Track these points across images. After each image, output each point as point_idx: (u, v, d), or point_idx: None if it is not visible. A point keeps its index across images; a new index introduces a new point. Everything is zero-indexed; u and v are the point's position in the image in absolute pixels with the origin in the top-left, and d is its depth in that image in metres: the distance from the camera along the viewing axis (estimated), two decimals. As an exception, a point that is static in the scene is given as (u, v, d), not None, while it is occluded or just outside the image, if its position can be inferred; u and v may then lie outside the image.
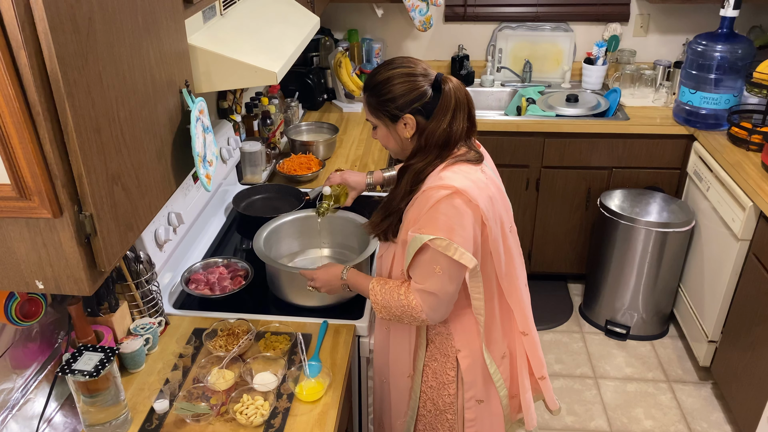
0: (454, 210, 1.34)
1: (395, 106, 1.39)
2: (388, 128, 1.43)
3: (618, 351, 3.05)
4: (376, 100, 1.41)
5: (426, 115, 1.39)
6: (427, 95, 1.38)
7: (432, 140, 1.39)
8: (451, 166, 1.39)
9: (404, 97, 1.38)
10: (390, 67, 1.41)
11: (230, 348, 1.61)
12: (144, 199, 1.23)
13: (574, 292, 3.45)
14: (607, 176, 3.10)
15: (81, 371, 1.30)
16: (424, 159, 1.41)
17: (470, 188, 1.35)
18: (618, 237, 2.93)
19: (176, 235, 1.91)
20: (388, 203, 1.48)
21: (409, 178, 1.42)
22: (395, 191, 1.47)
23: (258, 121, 2.64)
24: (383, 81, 1.40)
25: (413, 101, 1.38)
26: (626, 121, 2.99)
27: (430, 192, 1.36)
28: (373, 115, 1.44)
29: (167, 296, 1.85)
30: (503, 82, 3.49)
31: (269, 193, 2.40)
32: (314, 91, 3.18)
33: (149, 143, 1.24)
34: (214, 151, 1.62)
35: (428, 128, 1.39)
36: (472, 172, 1.40)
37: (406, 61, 1.42)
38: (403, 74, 1.39)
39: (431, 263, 1.37)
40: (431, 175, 1.40)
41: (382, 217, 1.49)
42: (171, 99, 1.33)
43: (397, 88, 1.38)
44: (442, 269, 1.37)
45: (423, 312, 1.42)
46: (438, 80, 1.39)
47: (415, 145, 1.43)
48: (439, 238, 1.34)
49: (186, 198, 1.96)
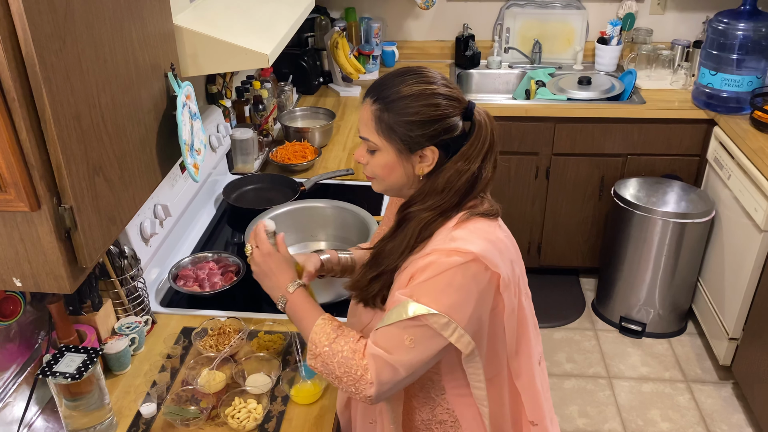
0: (466, 282, 1.13)
1: (421, 132, 1.16)
2: (400, 157, 1.19)
3: (633, 349, 3.05)
4: (393, 118, 1.16)
5: (451, 151, 1.19)
6: (458, 127, 1.18)
7: (455, 185, 1.18)
8: (465, 222, 1.19)
9: (435, 123, 1.16)
10: (418, 79, 1.18)
11: (221, 348, 1.61)
12: (128, 191, 1.22)
13: (587, 287, 3.45)
14: (621, 164, 3.10)
15: (63, 373, 1.31)
16: (438, 207, 1.19)
17: (490, 253, 1.15)
18: (633, 228, 2.93)
19: (163, 228, 1.91)
20: (381, 259, 1.24)
21: (416, 230, 1.19)
22: (391, 244, 1.23)
23: (249, 107, 2.63)
24: (411, 96, 1.16)
25: (444, 132, 1.17)
26: (642, 105, 2.98)
27: (439, 256, 1.14)
28: (381, 135, 1.18)
29: (154, 293, 1.86)
30: (511, 63, 3.48)
31: (262, 183, 2.40)
32: (309, 74, 3.17)
33: (133, 131, 1.23)
34: (203, 138, 1.62)
35: (451, 168, 1.18)
36: (490, 230, 1.20)
37: (435, 78, 1.19)
38: (438, 94, 1.17)
39: (403, 332, 1.15)
40: (441, 230, 1.19)
41: (373, 277, 1.24)
42: (156, 84, 1.33)
43: (428, 110, 1.16)
44: (416, 343, 1.14)
45: (373, 387, 1.16)
46: (470, 110, 1.19)
47: (426, 186, 1.21)
48: (440, 315, 1.12)
49: (173, 189, 1.96)
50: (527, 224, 3.29)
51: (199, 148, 1.59)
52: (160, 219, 1.86)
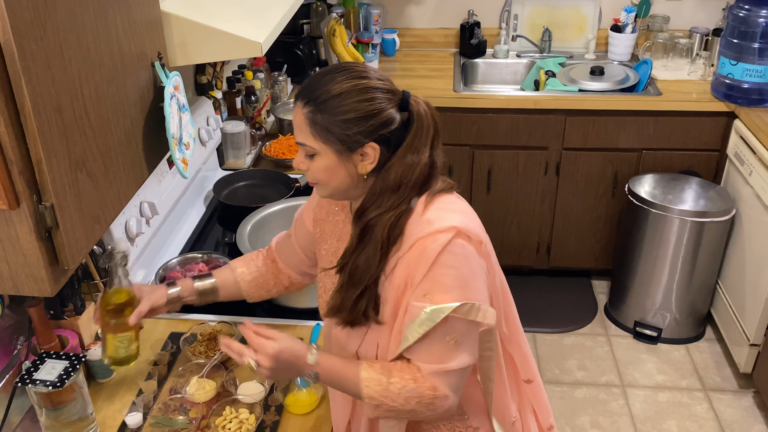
0: (460, 258, 1.19)
1: (358, 130, 1.17)
2: (340, 159, 1.20)
3: (648, 356, 3.06)
4: (326, 119, 1.18)
5: (393, 145, 1.21)
6: (396, 119, 1.20)
7: (410, 179, 1.20)
8: (431, 203, 1.23)
9: (370, 119, 1.17)
10: (348, 75, 1.19)
11: (211, 354, 1.61)
12: (112, 188, 1.22)
13: (599, 290, 3.45)
14: (636, 159, 3.10)
15: (43, 381, 1.31)
16: (398, 206, 1.21)
17: (466, 223, 1.21)
18: (648, 228, 2.94)
19: (149, 227, 1.91)
20: (359, 275, 1.24)
21: (384, 234, 1.21)
22: (363, 256, 1.23)
23: (241, 98, 2.63)
24: (342, 94, 1.17)
25: (381, 126, 1.18)
26: (658, 97, 2.98)
27: (424, 243, 1.18)
28: (317, 137, 1.20)
29: (140, 296, 1.86)
30: (519, 52, 3.48)
31: (254, 179, 2.40)
32: (305, 64, 3.17)
33: (118, 124, 1.23)
34: (192, 132, 1.62)
35: (400, 163, 1.20)
36: (454, 201, 1.26)
37: (365, 71, 1.21)
38: (368, 88, 1.18)
39: (444, 335, 1.20)
40: (411, 221, 1.22)
41: (358, 296, 1.24)
42: (142, 74, 1.33)
43: (362, 106, 1.17)
44: (459, 338, 1.21)
45: (449, 398, 1.23)
46: (406, 100, 1.21)
47: (376, 186, 1.22)
48: (461, 305, 1.18)
49: (160, 186, 1.96)
50: (536, 223, 3.29)
51: (188, 142, 1.59)
52: (146, 217, 1.86)
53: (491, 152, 3.10)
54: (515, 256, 3.35)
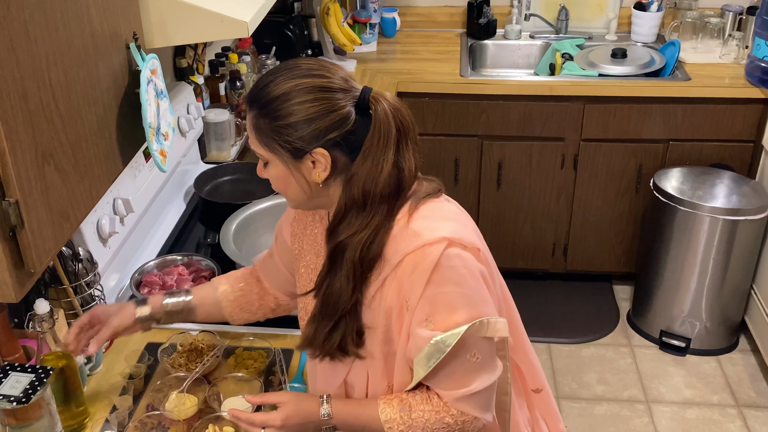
0: (457, 271, 1.18)
1: (299, 135, 1.17)
2: (287, 167, 1.21)
3: (675, 369, 3.06)
4: (267, 125, 1.18)
5: (349, 149, 1.19)
6: (350, 120, 1.18)
7: (374, 190, 1.18)
8: (416, 212, 1.21)
9: (314, 122, 1.16)
10: (291, 74, 1.19)
11: (192, 367, 1.61)
12: (83, 182, 1.22)
13: (621, 296, 3.46)
14: (662, 151, 3.10)
15: (7, 396, 1.31)
16: (368, 224, 1.19)
17: (457, 230, 1.21)
18: (676, 227, 2.94)
19: (124, 226, 1.91)
20: (331, 305, 1.23)
21: (356, 259, 1.19)
22: (337, 283, 1.22)
23: (225, 84, 2.63)
24: (280, 96, 1.17)
25: (328, 129, 1.17)
26: (687, 82, 2.98)
27: (414, 260, 1.17)
28: (262, 144, 1.21)
29: (114, 303, 1.86)
30: (533, 33, 3.48)
31: (240, 173, 2.40)
32: (295, 46, 3.17)
33: (89, 112, 1.23)
34: (170, 121, 1.62)
35: (361, 173, 1.18)
36: (442, 207, 1.25)
37: (316, 67, 1.20)
38: (311, 87, 1.17)
39: (465, 354, 1.20)
40: (392, 235, 1.20)
41: (330, 326, 1.24)
42: (116, 56, 1.33)
43: (302, 108, 1.16)
44: (482, 353, 1.22)
45: (479, 420, 1.26)
46: (365, 98, 1.19)
47: (343, 200, 1.21)
48: (472, 324, 1.18)
49: (136, 180, 1.96)
50: (551, 222, 3.29)
51: (167, 132, 1.59)
52: (120, 215, 1.87)
53: (502, 144, 3.10)
54: (528, 259, 3.35)
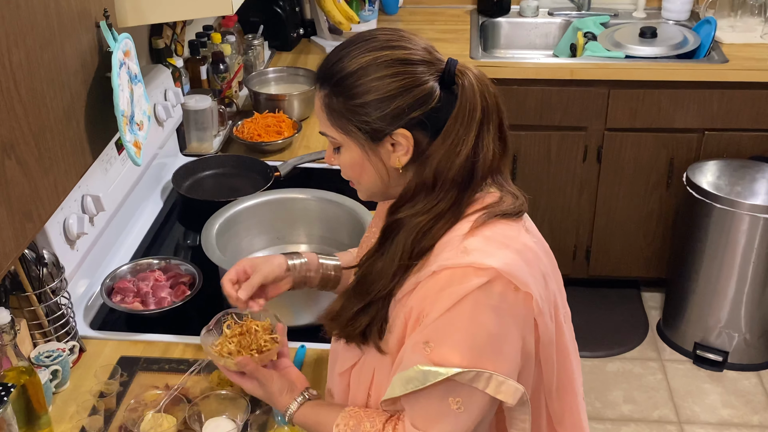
0: (492, 314, 1.14)
1: (378, 115, 1.16)
2: (364, 151, 1.21)
3: (711, 386, 3.06)
4: (342, 104, 1.18)
5: (432, 130, 1.18)
6: (434, 97, 1.17)
7: (446, 175, 1.17)
8: (481, 227, 1.18)
9: (395, 100, 1.16)
10: (367, 47, 1.18)
11: (171, 383, 1.61)
12: (48, 177, 1.22)
13: (651, 304, 3.45)
14: (696, 142, 3.10)
15: (-37, 417, 1.31)
16: (432, 209, 1.19)
17: (517, 266, 1.16)
18: (712, 226, 2.93)
19: (94, 227, 1.91)
20: (368, 284, 1.23)
21: (408, 242, 1.19)
22: (380, 262, 1.22)
23: (207, 67, 2.63)
24: (356, 72, 1.17)
25: (411, 108, 1.16)
26: (724, 65, 2.98)
27: (451, 278, 1.15)
28: (335, 127, 1.21)
29: (82, 312, 1.86)
30: (551, 10, 3.48)
31: (223, 167, 2.40)
32: (285, 24, 3.17)
33: (54, 99, 1.23)
34: (146, 109, 1.62)
35: (437, 154, 1.17)
36: (513, 235, 1.20)
37: (395, 38, 1.19)
38: (391, 60, 1.16)
39: (445, 396, 1.16)
40: (446, 239, 1.19)
41: (361, 308, 1.24)
42: (84, 36, 1.33)
43: (381, 84, 1.16)
44: (465, 405, 1.16)
45: None
46: (450, 71, 1.18)
47: (413, 182, 1.20)
48: (467, 371, 1.14)
49: (107, 175, 1.96)
50: (572, 221, 3.29)
51: (141, 121, 1.59)
52: (90, 214, 1.86)
53: (517, 134, 3.09)
54: (547, 263, 3.34)
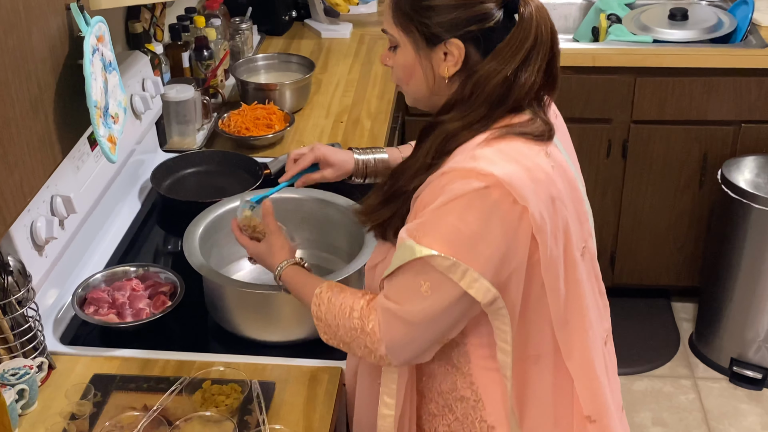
0: (481, 215, 1.30)
1: (440, 20, 1.36)
2: (418, 53, 1.40)
3: (750, 406, 3.05)
4: (409, 3, 1.38)
5: (484, 48, 1.37)
6: (493, 17, 1.35)
7: (482, 90, 1.36)
8: (497, 140, 1.35)
9: (457, 10, 1.35)
10: None
11: (150, 404, 1.61)
12: (12, 176, 1.23)
13: (682, 316, 3.45)
14: (732, 136, 3.10)
15: None
16: (464, 117, 1.38)
17: (519, 179, 1.31)
18: (750, 229, 2.93)
19: (64, 230, 1.91)
20: (396, 177, 1.46)
21: (435, 143, 1.39)
22: (409, 161, 1.45)
23: (190, 53, 2.63)
24: None
25: (469, 21, 1.35)
26: (763, 50, 2.98)
27: (453, 177, 1.32)
28: (398, 25, 1.40)
29: (51, 325, 1.86)
30: (571, -11, 3.49)
31: (207, 164, 2.40)
32: (276, 7, 3.17)
33: (20, 89, 1.24)
34: (121, 100, 1.62)
35: (482, 71, 1.36)
36: (529, 153, 1.36)
37: None
38: None
39: (417, 276, 1.35)
40: (465, 145, 1.37)
41: (384, 198, 1.47)
42: (53, 20, 1.33)
43: None
44: (432, 290, 1.34)
45: (382, 343, 1.39)
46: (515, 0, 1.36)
47: (455, 94, 1.40)
48: (442, 257, 1.31)
49: (79, 174, 1.96)
50: (595, 223, 3.27)
51: (116, 113, 1.59)
52: (60, 217, 1.86)
53: (533, 127, 3.10)
54: (567, 270, 3.35)
